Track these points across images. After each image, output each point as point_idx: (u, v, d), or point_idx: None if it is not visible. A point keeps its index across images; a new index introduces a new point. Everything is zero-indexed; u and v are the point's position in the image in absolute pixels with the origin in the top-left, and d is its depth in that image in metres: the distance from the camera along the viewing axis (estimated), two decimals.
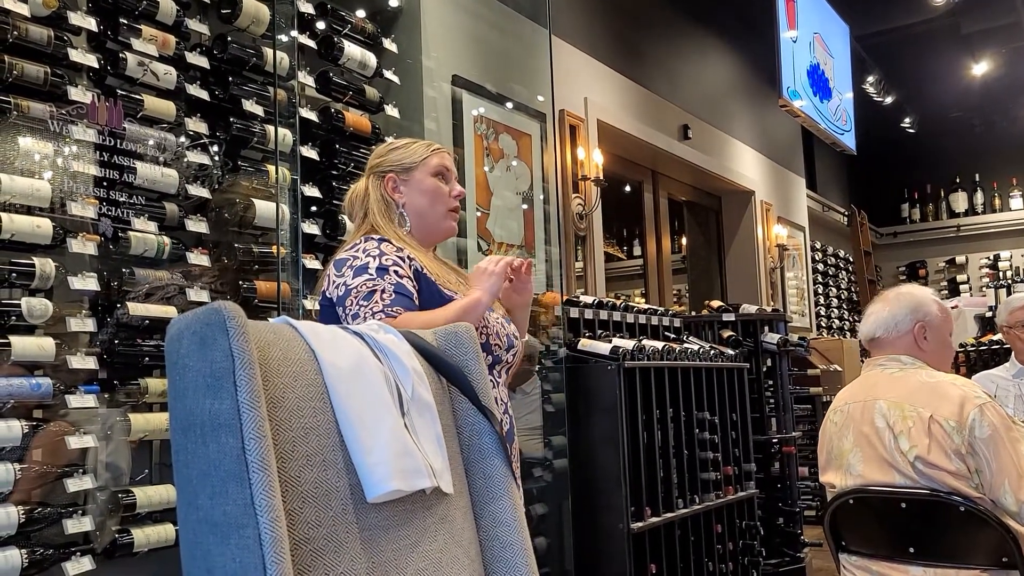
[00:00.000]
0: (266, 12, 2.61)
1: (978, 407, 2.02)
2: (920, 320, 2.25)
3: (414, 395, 1.12)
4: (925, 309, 2.28)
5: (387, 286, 1.75)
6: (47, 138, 2.09)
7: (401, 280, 1.78)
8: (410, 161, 1.97)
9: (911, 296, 2.30)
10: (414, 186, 1.96)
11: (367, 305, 1.73)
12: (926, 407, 2.06)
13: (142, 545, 2.10)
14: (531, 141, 3.89)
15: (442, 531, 1.11)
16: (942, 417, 2.03)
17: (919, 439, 2.04)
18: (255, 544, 0.87)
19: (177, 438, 0.93)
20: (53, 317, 2.03)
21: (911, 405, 2.08)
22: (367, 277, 1.76)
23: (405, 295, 1.76)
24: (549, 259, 3.84)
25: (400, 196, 1.96)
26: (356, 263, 1.80)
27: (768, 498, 4.31)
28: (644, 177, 5.89)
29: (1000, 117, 9.47)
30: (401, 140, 2.07)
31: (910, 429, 2.06)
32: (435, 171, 1.98)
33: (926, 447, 2.03)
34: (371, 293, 1.74)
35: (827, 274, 8.66)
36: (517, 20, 3.86)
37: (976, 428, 1.99)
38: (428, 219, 1.97)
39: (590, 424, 3.21)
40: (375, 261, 1.79)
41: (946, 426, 2.02)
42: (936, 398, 2.07)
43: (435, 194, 1.97)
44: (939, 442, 2.02)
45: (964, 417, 2.01)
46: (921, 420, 2.05)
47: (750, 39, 6.75)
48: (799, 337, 4.84)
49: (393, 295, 1.74)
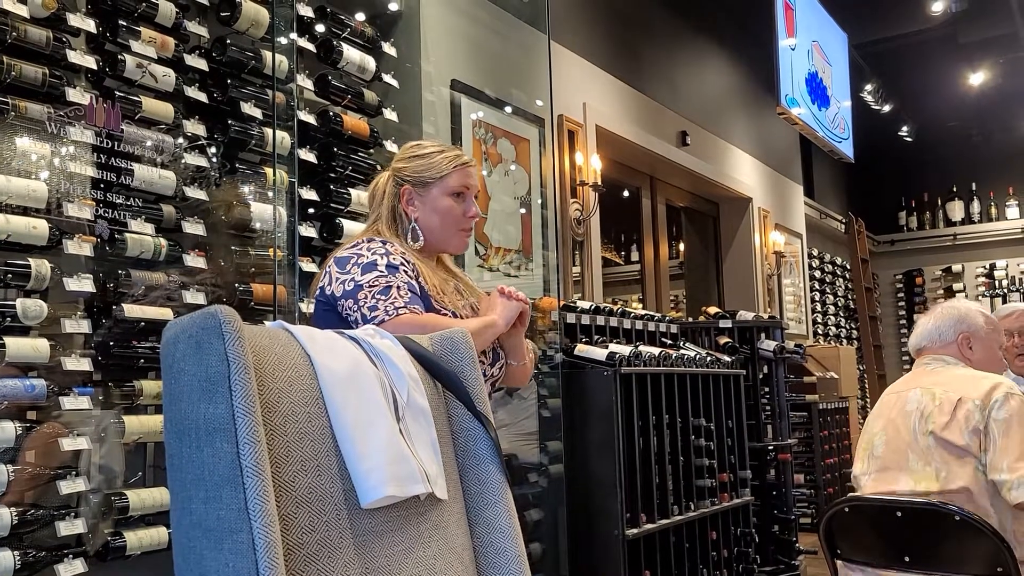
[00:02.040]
0: (265, 15, 2.61)
1: (1005, 393, 2.13)
2: (964, 331, 2.38)
3: (409, 400, 1.12)
4: (970, 321, 2.39)
5: (402, 284, 1.73)
6: (44, 139, 2.09)
7: (411, 280, 1.76)
8: (429, 176, 1.91)
9: (955, 309, 2.42)
10: (429, 203, 1.91)
11: (385, 299, 1.69)
12: (957, 392, 2.18)
13: (135, 548, 2.09)
14: (529, 146, 3.89)
15: (436, 537, 1.10)
16: (970, 398, 2.14)
17: (940, 418, 2.16)
18: (248, 549, 0.87)
19: (171, 442, 0.93)
20: (48, 318, 2.02)
21: (943, 390, 2.21)
22: (379, 273, 1.73)
23: (416, 294, 1.74)
24: (547, 264, 3.84)
25: (413, 211, 1.91)
26: (362, 260, 1.77)
27: (763, 505, 4.30)
28: (642, 183, 5.90)
29: (997, 127, 9.50)
30: (427, 145, 1.99)
31: (935, 409, 2.18)
32: (454, 190, 1.91)
33: (943, 424, 2.14)
34: (388, 288, 1.71)
35: (824, 281, 8.67)
36: (516, 25, 3.86)
37: (995, 409, 2.10)
38: (437, 236, 1.93)
39: (586, 430, 3.20)
40: (383, 259, 1.76)
41: (971, 405, 2.13)
42: (969, 384, 2.20)
43: (448, 215, 1.91)
44: (959, 421, 2.12)
45: (989, 398, 2.12)
46: (949, 402, 2.17)
47: (749, 46, 6.77)
48: (795, 344, 4.84)
49: (409, 294, 1.72)
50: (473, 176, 1.96)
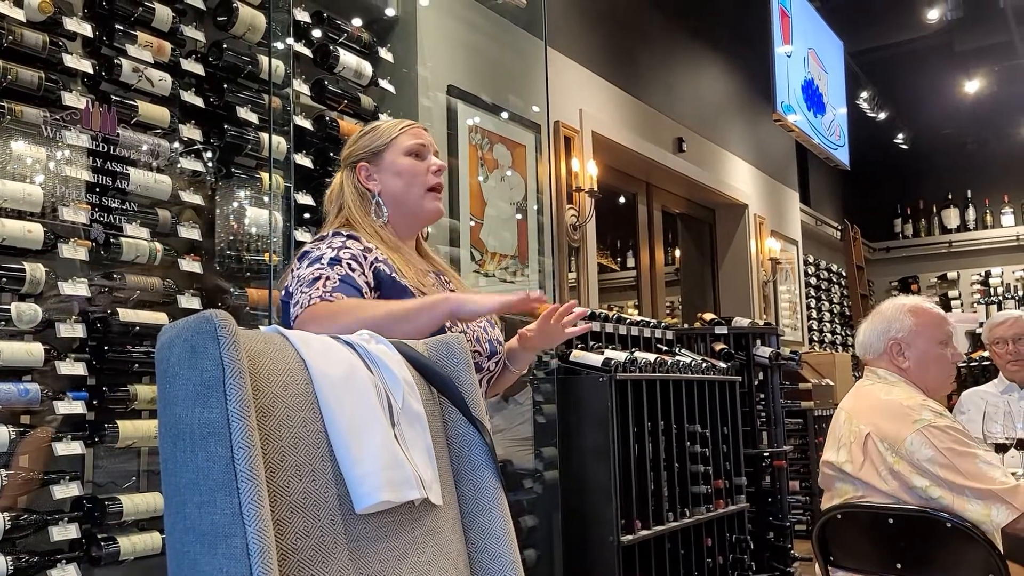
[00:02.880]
0: (262, 20, 2.62)
1: (917, 431, 2.01)
2: (892, 338, 2.20)
3: (404, 405, 1.12)
4: (898, 324, 2.19)
5: (334, 275, 1.61)
6: (40, 143, 2.09)
7: (352, 274, 1.63)
8: (379, 144, 1.82)
9: (881, 314, 2.25)
10: (386, 169, 1.80)
11: (307, 291, 1.59)
12: (868, 424, 2.10)
13: (128, 553, 2.09)
14: (526, 152, 3.90)
15: (430, 543, 1.10)
16: (877, 437, 2.06)
17: (856, 455, 2.09)
18: (242, 554, 0.86)
19: (166, 446, 0.93)
20: (42, 322, 2.02)
21: (858, 420, 2.13)
22: (317, 267, 1.63)
23: (352, 286, 1.62)
24: (543, 270, 3.84)
25: (375, 184, 1.80)
26: (314, 254, 1.67)
27: (758, 512, 4.30)
28: (638, 189, 5.91)
29: (992, 135, 9.54)
30: (370, 125, 1.90)
31: (851, 444, 2.11)
32: (408, 150, 1.81)
33: (859, 464, 2.08)
34: (315, 280, 1.60)
35: (820, 288, 8.68)
36: (513, 31, 3.87)
37: (917, 451, 2.01)
38: (407, 203, 1.80)
39: (581, 436, 3.20)
40: (331, 252, 1.65)
41: (880, 446, 2.05)
42: (880, 416, 2.10)
43: (410, 173, 1.80)
44: (872, 460, 2.06)
45: (900, 439, 2.02)
46: (860, 436, 2.09)
47: (745, 53, 6.79)
48: (791, 351, 4.85)
49: (337, 283, 1.60)
50: (425, 136, 1.85)
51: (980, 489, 1.96)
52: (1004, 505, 1.93)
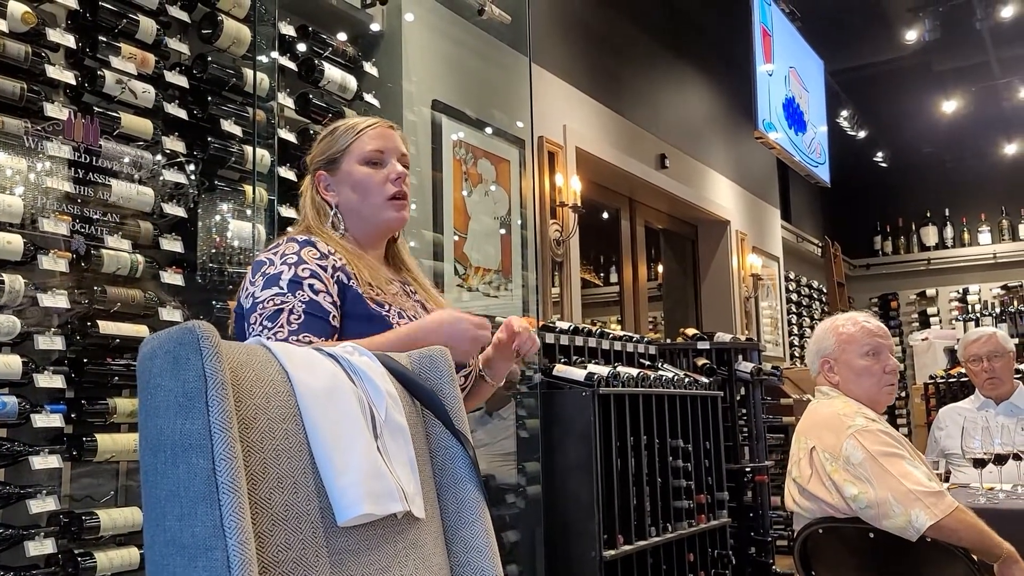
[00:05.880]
0: (247, 33, 2.62)
1: (851, 436, 2.09)
2: (823, 357, 2.30)
3: (387, 418, 1.12)
4: (825, 343, 2.30)
5: (296, 304, 1.51)
6: (21, 153, 2.07)
7: (316, 297, 1.53)
8: (334, 151, 1.70)
9: (816, 334, 2.36)
10: (343, 181, 1.69)
11: (271, 328, 1.49)
12: (814, 438, 2.17)
13: (105, 569, 2.06)
14: (510, 167, 3.91)
15: (412, 556, 1.10)
16: (821, 449, 2.13)
17: (804, 469, 2.16)
18: (223, 567, 0.86)
19: (146, 458, 0.92)
20: (21, 334, 2.00)
21: (805, 436, 2.20)
22: (276, 291, 1.52)
23: (318, 316, 1.52)
24: (526, 284, 3.85)
25: (332, 196, 1.69)
26: (270, 271, 1.56)
27: (740, 527, 4.31)
28: (621, 205, 5.94)
29: (969, 154, 9.67)
30: (332, 125, 1.76)
31: (800, 460, 2.19)
32: (365, 158, 1.68)
33: (807, 477, 2.15)
34: (277, 312, 1.50)
35: (801, 304, 8.74)
36: (498, 47, 3.89)
37: (851, 455, 2.07)
38: (364, 215, 1.69)
39: (564, 450, 3.20)
40: (289, 271, 1.54)
41: (823, 456, 2.11)
42: (822, 429, 2.17)
43: (364, 185, 1.67)
44: (818, 472, 2.12)
45: (838, 447, 2.09)
46: (807, 451, 2.17)
47: (727, 71, 6.86)
48: (772, 366, 4.87)
49: (302, 316, 1.51)
50: (390, 138, 1.72)
51: (904, 490, 1.99)
52: (924, 509, 1.96)
